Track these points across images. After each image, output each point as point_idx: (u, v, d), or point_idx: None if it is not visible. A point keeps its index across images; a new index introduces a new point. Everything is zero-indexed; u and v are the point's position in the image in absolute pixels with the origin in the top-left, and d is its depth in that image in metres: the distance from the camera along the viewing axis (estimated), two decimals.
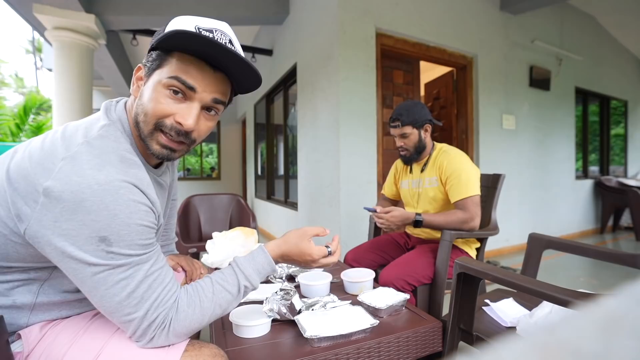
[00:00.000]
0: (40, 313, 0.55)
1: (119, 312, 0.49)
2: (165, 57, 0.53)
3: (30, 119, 6.38)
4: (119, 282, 0.48)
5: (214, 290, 0.56)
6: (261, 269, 0.61)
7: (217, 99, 0.56)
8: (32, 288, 0.53)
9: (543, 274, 1.17)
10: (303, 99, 2.80)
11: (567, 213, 3.69)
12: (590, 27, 3.95)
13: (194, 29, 0.52)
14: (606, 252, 0.98)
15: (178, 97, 0.54)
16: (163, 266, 0.53)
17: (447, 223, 1.17)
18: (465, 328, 0.87)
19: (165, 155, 0.56)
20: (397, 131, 1.30)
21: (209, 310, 0.55)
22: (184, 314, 0.52)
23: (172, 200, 0.94)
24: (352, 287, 0.99)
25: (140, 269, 0.49)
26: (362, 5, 2.27)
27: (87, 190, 0.45)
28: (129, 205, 0.48)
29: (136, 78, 0.57)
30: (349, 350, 0.70)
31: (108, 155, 0.50)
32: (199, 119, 0.56)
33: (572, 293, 0.62)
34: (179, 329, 0.52)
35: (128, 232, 0.48)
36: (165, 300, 0.51)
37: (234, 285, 0.57)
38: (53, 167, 0.46)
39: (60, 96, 2.77)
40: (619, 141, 4.74)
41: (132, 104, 0.58)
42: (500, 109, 3.02)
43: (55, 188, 0.45)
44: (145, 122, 0.54)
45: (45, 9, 2.57)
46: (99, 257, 0.46)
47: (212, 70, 0.55)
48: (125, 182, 0.48)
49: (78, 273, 0.47)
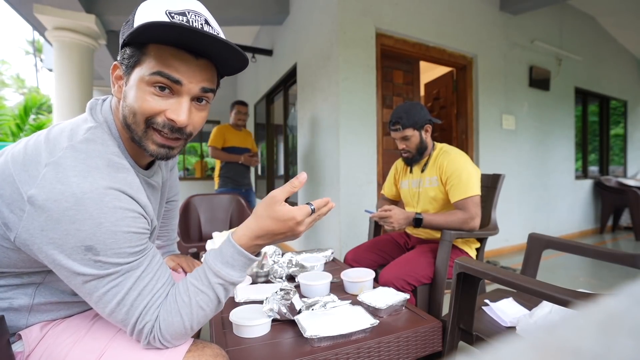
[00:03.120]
0: (39, 314, 0.55)
1: (114, 318, 0.49)
2: (141, 52, 0.49)
3: (30, 119, 6.38)
4: (109, 291, 0.47)
5: (189, 293, 0.52)
6: (232, 261, 0.53)
7: (205, 87, 0.53)
8: (27, 291, 0.53)
9: (543, 273, 1.17)
10: (303, 99, 2.80)
11: (566, 213, 3.69)
12: (590, 28, 3.95)
13: (165, 14, 0.48)
14: (606, 252, 0.98)
15: (165, 93, 0.50)
16: (157, 270, 0.52)
17: (447, 223, 1.17)
18: (465, 328, 0.87)
19: (163, 155, 0.54)
20: (398, 134, 1.30)
21: (188, 316, 0.51)
22: (165, 323, 0.50)
23: (173, 202, 0.94)
24: (352, 287, 0.99)
25: (129, 276, 0.48)
26: (362, 6, 2.27)
27: (71, 199, 0.44)
28: (114, 212, 0.46)
29: (115, 78, 0.54)
30: (349, 350, 0.70)
31: (94, 160, 0.48)
32: (191, 112, 0.53)
33: (571, 293, 0.62)
34: (168, 337, 0.50)
35: (115, 240, 0.46)
36: (154, 309, 0.50)
37: (206, 285, 0.52)
38: (37, 173, 0.45)
39: (60, 96, 2.77)
40: (619, 141, 4.74)
41: (116, 105, 0.55)
42: (500, 109, 3.02)
43: (39, 197, 0.44)
44: (135, 123, 0.51)
45: (46, 9, 2.57)
46: (87, 265, 0.45)
47: (195, 58, 0.51)
48: (111, 189, 0.47)
49: (70, 280, 0.47)
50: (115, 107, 0.56)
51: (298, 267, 1.14)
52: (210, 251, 0.56)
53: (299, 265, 1.15)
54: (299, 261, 1.18)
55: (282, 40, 3.38)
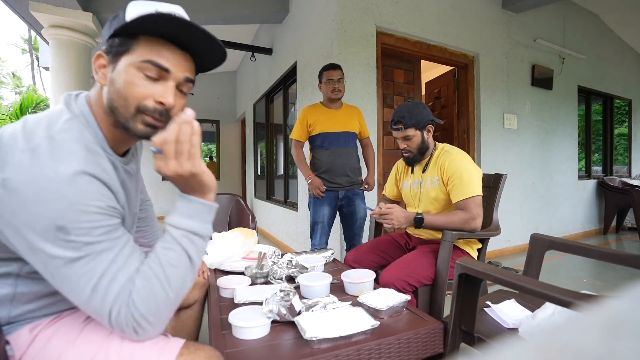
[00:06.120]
0: (22, 305, 0.54)
1: (90, 307, 0.49)
2: (131, 41, 0.54)
3: None
4: (83, 276, 0.47)
5: (157, 254, 0.52)
6: (186, 211, 0.55)
7: (188, 77, 0.58)
8: (8, 280, 0.53)
9: (545, 274, 1.16)
10: (303, 98, 2.80)
11: (569, 213, 3.66)
12: (593, 25, 3.92)
13: (154, 12, 0.53)
14: (609, 253, 0.97)
15: (152, 78, 0.55)
16: (129, 255, 0.51)
17: (448, 223, 1.16)
18: (467, 329, 0.86)
19: (149, 134, 0.56)
20: (400, 134, 1.29)
21: (161, 277, 0.50)
22: (139, 295, 0.49)
23: (146, 201, 0.94)
24: (353, 288, 0.99)
25: (103, 259, 0.48)
26: (363, 4, 2.26)
27: (44, 180, 0.45)
28: (86, 193, 0.48)
29: (98, 66, 0.57)
30: (349, 352, 0.70)
31: (70, 146, 0.50)
32: (176, 97, 0.58)
33: (575, 294, 0.61)
34: (145, 311, 0.49)
35: (87, 219, 0.47)
36: (128, 293, 0.49)
37: (170, 241, 0.53)
38: (12, 159, 0.46)
39: (57, 95, 2.76)
40: (623, 141, 4.71)
41: (98, 92, 0.57)
42: (501, 108, 3.01)
43: (12, 179, 0.45)
44: (125, 106, 0.54)
45: (42, 6, 2.56)
46: (60, 246, 0.46)
47: (180, 50, 0.57)
48: (84, 174, 0.48)
49: (45, 267, 0.47)
50: (96, 96, 0.58)
51: (298, 268, 1.13)
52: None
53: (299, 266, 1.15)
54: (298, 262, 1.18)
55: (282, 39, 3.39)
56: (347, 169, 1.84)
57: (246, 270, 1.09)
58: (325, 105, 1.89)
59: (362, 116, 1.95)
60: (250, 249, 1.32)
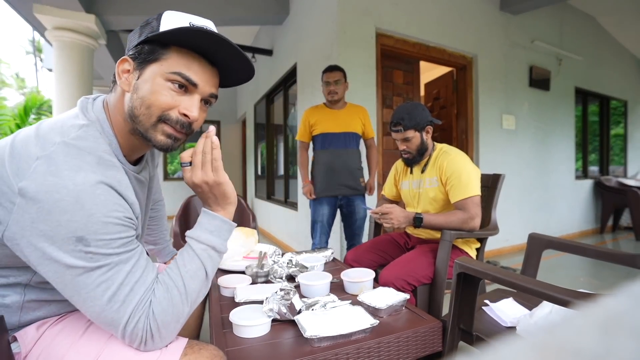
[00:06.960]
0: (32, 311, 0.54)
1: (103, 317, 0.48)
2: (161, 50, 0.53)
3: (31, 119, 6.38)
4: (100, 285, 0.47)
5: (178, 266, 0.54)
6: (209, 227, 0.57)
7: (213, 93, 0.59)
8: (16, 289, 0.53)
9: (543, 274, 1.17)
10: (303, 99, 2.80)
11: (566, 213, 3.69)
12: (590, 27, 3.95)
13: (188, 25, 0.54)
14: (606, 252, 0.98)
15: (180, 90, 0.55)
16: (146, 266, 0.52)
17: (447, 223, 1.17)
18: (465, 328, 0.87)
19: (169, 145, 0.57)
20: (400, 135, 1.29)
21: (181, 289, 0.52)
22: (159, 306, 0.50)
23: (159, 201, 0.94)
24: (352, 287, 0.99)
25: (120, 270, 0.48)
26: (362, 6, 2.27)
27: (63, 190, 0.45)
28: (105, 204, 0.47)
29: (122, 71, 0.55)
30: (349, 350, 0.70)
31: (86, 156, 0.49)
32: (199, 110, 0.58)
33: (572, 293, 0.62)
34: (160, 323, 0.50)
35: (105, 231, 0.47)
36: (148, 304, 0.50)
37: (191, 255, 0.55)
38: (28, 167, 0.46)
39: (60, 96, 2.77)
40: (619, 141, 4.74)
41: (118, 98, 0.56)
42: (500, 109, 3.02)
43: (30, 188, 0.44)
44: (147, 114, 0.54)
45: (45, 9, 2.57)
46: (78, 257, 0.45)
47: (210, 65, 0.57)
48: (102, 184, 0.48)
49: (59, 276, 0.46)
50: (115, 102, 0.57)
51: (298, 267, 1.14)
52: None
53: (299, 265, 1.15)
54: (299, 261, 1.18)
55: (282, 40, 3.38)
56: (346, 169, 1.83)
57: (247, 269, 1.10)
58: (327, 106, 1.89)
59: (367, 116, 1.92)
60: (250, 248, 1.32)
